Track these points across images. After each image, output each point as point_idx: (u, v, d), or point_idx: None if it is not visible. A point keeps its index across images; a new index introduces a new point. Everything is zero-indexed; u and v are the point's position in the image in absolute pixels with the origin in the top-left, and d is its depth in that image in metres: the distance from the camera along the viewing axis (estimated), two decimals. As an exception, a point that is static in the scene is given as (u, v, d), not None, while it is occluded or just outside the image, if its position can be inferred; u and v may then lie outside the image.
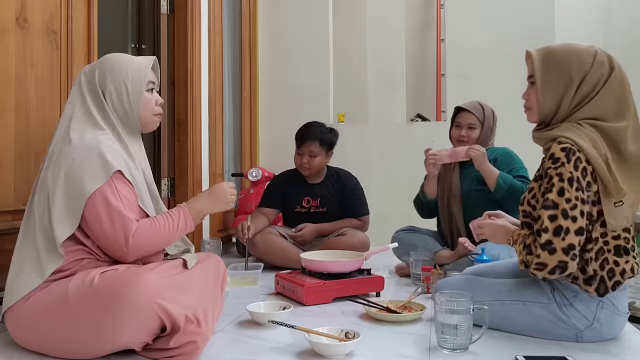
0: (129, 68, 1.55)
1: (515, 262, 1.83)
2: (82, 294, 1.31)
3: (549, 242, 1.39)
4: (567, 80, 1.49)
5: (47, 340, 1.38)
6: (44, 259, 1.39)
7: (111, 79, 1.53)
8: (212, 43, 3.21)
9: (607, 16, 4.04)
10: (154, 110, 1.61)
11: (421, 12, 4.72)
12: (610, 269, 1.47)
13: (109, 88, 1.52)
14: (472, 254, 2.25)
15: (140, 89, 1.55)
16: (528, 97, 1.60)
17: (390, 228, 2.73)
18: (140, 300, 1.28)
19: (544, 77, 1.52)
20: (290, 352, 1.44)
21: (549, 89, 1.52)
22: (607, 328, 1.50)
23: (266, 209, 2.87)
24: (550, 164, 1.44)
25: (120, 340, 1.32)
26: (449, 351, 1.43)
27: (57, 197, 1.40)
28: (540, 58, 1.54)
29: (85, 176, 1.40)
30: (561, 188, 1.40)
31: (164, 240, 1.52)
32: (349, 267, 2.07)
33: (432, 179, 2.51)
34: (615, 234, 1.48)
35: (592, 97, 1.49)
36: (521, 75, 1.67)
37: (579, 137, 1.44)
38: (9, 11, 1.70)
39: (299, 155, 2.83)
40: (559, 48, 1.54)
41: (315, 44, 3.95)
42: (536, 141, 1.61)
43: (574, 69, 1.49)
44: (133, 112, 1.55)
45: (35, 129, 1.78)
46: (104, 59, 1.57)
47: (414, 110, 4.23)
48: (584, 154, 1.43)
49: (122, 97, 1.53)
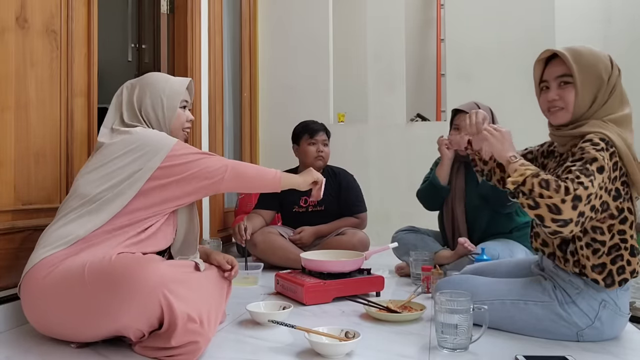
0: (167, 85, 1.74)
1: (516, 262, 1.84)
2: (98, 268, 1.36)
3: (578, 196, 1.33)
4: (600, 80, 1.52)
5: (52, 313, 1.41)
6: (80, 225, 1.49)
7: (150, 94, 1.71)
8: (212, 43, 3.21)
9: (607, 16, 4.04)
10: (183, 124, 1.78)
11: (421, 12, 4.72)
12: (622, 266, 1.47)
13: (146, 101, 1.70)
14: (472, 254, 2.25)
15: (175, 104, 1.73)
16: (562, 97, 1.56)
17: (390, 228, 2.73)
18: (149, 284, 1.32)
19: (583, 77, 1.52)
20: (290, 351, 1.44)
21: (587, 88, 1.52)
22: (608, 327, 1.50)
23: (263, 210, 2.87)
24: (589, 144, 1.43)
25: (118, 322, 1.34)
26: (449, 351, 1.43)
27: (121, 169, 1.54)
28: (574, 58, 1.53)
29: (159, 138, 1.59)
30: (602, 166, 1.39)
31: (253, 174, 1.72)
32: (349, 266, 2.07)
33: (447, 161, 2.45)
34: (632, 232, 1.50)
35: (613, 95, 1.53)
36: (521, 75, 1.67)
37: (612, 134, 1.46)
38: (9, 11, 1.69)
39: (313, 144, 2.87)
40: (583, 49, 1.55)
41: (315, 43, 3.95)
42: (558, 140, 1.61)
43: (602, 70, 1.52)
44: (165, 122, 1.72)
45: (35, 129, 1.79)
46: (147, 76, 1.77)
47: (414, 110, 4.23)
48: (616, 149, 1.45)
49: (157, 109, 1.71)
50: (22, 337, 1.56)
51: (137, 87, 1.73)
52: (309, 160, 2.86)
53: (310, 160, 2.86)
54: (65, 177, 1.90)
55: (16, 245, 1.70)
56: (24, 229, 1.72)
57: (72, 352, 1.42)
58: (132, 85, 1.74)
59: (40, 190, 1.81)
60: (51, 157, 1.86)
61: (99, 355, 1.41)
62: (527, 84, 1.66)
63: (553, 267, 1.57)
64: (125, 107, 1.70)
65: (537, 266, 1.69)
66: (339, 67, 4.16)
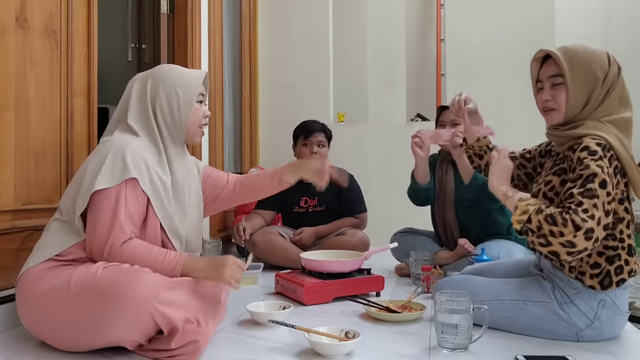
0: (182, 78, 1.61)
1: (515, 262, 1.84)
2: (84, 283, 1.33)
3: (591, 229, 1.33)
4: (594, 79, 1.50)
5: (45, 323, 1.39)
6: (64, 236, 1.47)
7: (163, 87, 1.59)
8: (212, 43, 3.20)
9: (607, 15, 4.04)
10: (201, 121, 1.67)
11: (421, 11, 4.72)
12: (620, 266, 1.47)
13: (160, 95, 1.58)
14: (471, 254, 2.25)
15: (192, 98, 1.61)
16: (554, 98, 1.56)
17: (390, 228, 2.73)
18: (137, 299, 1.29)
19: (574, 77, 1.51)
20: (290, 351, 1.44)
21: (579, 88, 1.51)
22: (608, 327, 1.50)
23: (263, 210, 2.87)
24: (587, 155, 1.41)
25: (111, 335, 1.32)
26: (449, 351, 1.43)
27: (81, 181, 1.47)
28: (566, 58, 1.52)
29: (103, 171, 1.44)
30: (604, 180, 1.38)
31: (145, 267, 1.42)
32: (348, 266, 2.07)
33: (420, 162, 2.39)
34: (629, 232, 1.49)
35: (610, 95, 1.51)
36: (521, 75, 1.67)
37: (608, 136, 1.45)
38: (9, 11, 1.69)
39: (306, 146, 2.85)
40: (578, 48, 1.54)
41: (315, 43, 3.95)
42: (554, 139, 1.60)
43: (597, 68, 1.50)
44: (182, 119, 1.60)
45: (35, 129, 1.79)
46: (158, 68, 1.65)
47: (414, 110, 4.23)
48: (615, 152, 1.44)
49: (173, 105, 1.59)
50: (23, 337, 1.56)
51: (150, 80, 1.61)
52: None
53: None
54: (65, 177, 1.90)
55: (16, 245, 1.70)
56: (24, 229, 1.72)
57: (72, 353, 1.42)
58: (144, 78, 1.63)
59: (40, 190, 1.81)
60: (51, 157, 1.86)
61: (99, 355, 1.40)
62: (527, 83, 1.65)
63: (551, 268, 1.57)
64: (135, 102, 1.59)
65: (535, 266, 1.69)
66: (339, 67, 4.16)
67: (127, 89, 1.64)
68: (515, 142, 2.55)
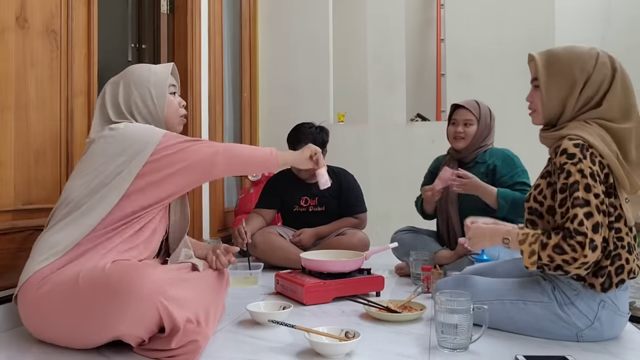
0: (150, 74, 1.66)
1: (516, 262, 1.83)
2: (92, 278, 1.34)
3: (592, 240, 1.37)
4: (571, 82, 1.50)
5: (49, 323, 1.40)
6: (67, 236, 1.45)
7: (136, 87, 1.64)
8: (212, 43, 3.21)
9: (607, 16, 4.04)
10: (178, 111, 1.72)
11: (421, 11, 4.72)
12: (621, 265, 1.47)
13: (134, 95, 1.63)
14: (472, 254, 2.25)
15: (164, 91, 1.66)
16: (532, 100, 1.60)
17: (390, 228, 2.73)
18: (144, 292, 1.30)
19: (548, 80, 1.53)
20: (290, 351, 1.44)
21: (553, 91, 1.53)
22: (608, 328, 1.50)
23: (263, 210, 2.87)
24: (565, 159, 1.43)
25: (116, 330, 1.33)
26: (449, 351, 1.43)
27: (105, 171, 1.49)
28: (544, 61, 1.54)
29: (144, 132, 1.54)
30: (587, 184, 1.39)
31: (247, 154, 1.69)
32: (349, 266, 2.07)
33: (432, 203, 2.50)
34: (627, 230, 1.49)
35: (598, 98, 1.50)
36: (521, 75, 1.68)
37: (589, 135, 1.45)
38: (9, 11, 1.69)
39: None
40: (561, 50, 1.55)
41: (315, 43, 3.95)
42: (543, 141, 1.61)
43: (577, 71, 1.50)
44: (158, 113, 1.65)
45: (35, 129, 1.79)
46: (127, 70, 1.69)
47: (414, 110, 4.23)
48: (595, 150, 1.44)
49: (147, 101, 1.64)
50: (23, 337, 1.55)
51: (121, 83, 1.65)
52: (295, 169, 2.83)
53: (296, 170, 2.82)
54: (65, 177, 1.90)
55: (16, 245, 1.70)
56: (24, 229, 1.72)
57: (72, 353, 1.42)
58: (115, 82, 1.67)
59: (40, 190, 1.81)
60: (51, 156, 1.86)
61: (99, 355, 1.40)
62: (527, 84, 1.66)
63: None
64: (110, 105, 1.63)
65: (536, 266, 1.69)
66: (339, 67, 4.16)
67: (100, 96, 1.67)
68: (515, 142, 2.57)
